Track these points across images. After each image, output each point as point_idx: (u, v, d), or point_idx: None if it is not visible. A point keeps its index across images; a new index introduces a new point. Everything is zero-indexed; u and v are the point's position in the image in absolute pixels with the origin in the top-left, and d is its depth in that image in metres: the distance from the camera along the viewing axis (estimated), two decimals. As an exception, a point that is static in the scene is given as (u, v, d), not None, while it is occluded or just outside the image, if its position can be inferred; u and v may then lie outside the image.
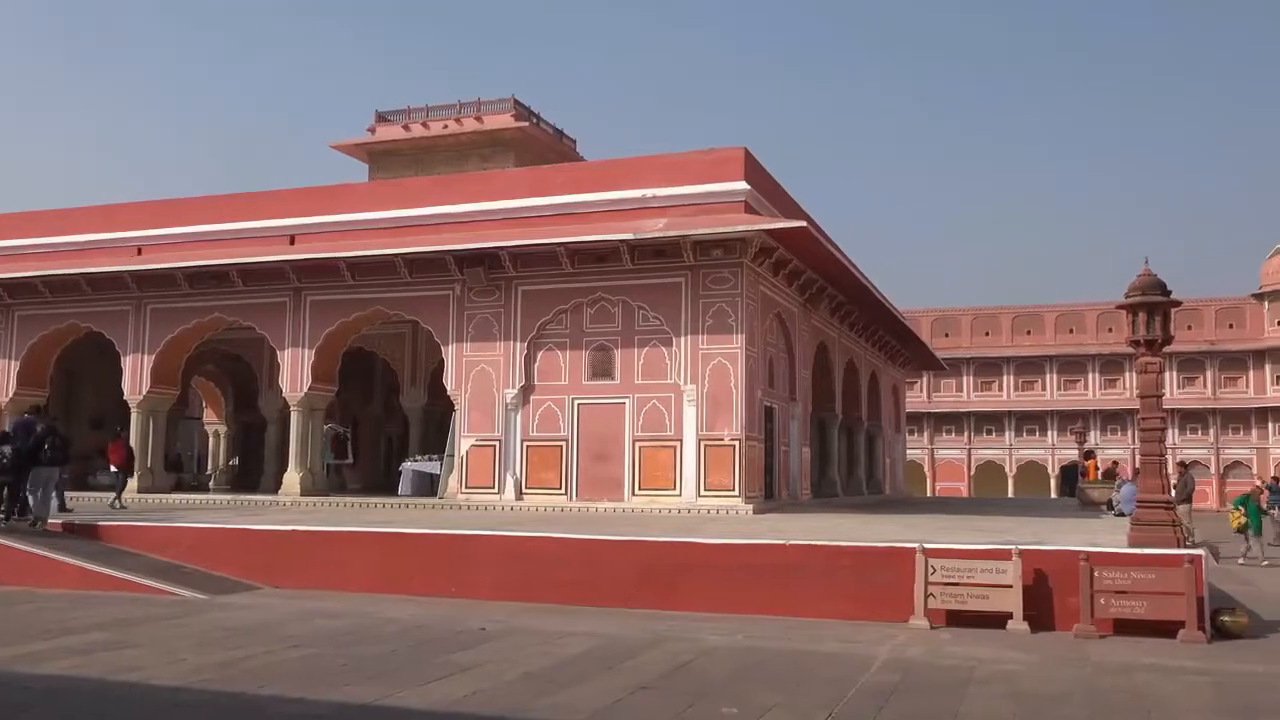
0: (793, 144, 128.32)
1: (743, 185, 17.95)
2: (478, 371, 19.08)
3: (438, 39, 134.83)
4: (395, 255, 19.14)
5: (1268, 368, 49.57)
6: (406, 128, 45.60)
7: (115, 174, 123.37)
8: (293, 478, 20.66)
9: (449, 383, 19.39)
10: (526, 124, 44.04)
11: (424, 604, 11.81)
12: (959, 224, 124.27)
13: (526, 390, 18.78)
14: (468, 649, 9.18)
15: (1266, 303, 49.75)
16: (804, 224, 17.36)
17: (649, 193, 18.47)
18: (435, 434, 22.85)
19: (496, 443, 18.82)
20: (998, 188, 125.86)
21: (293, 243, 20.75)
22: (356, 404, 27.20)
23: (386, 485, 24.36)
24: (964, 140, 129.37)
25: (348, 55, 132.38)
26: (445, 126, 44.90)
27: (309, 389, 20.48)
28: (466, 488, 18.87)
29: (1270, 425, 49.41)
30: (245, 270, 20.46)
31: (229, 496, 21.48)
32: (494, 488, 18.69)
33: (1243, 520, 19.87)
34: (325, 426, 22.66)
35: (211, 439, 30.98)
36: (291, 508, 18.69)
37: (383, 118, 46.68)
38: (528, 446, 18.72)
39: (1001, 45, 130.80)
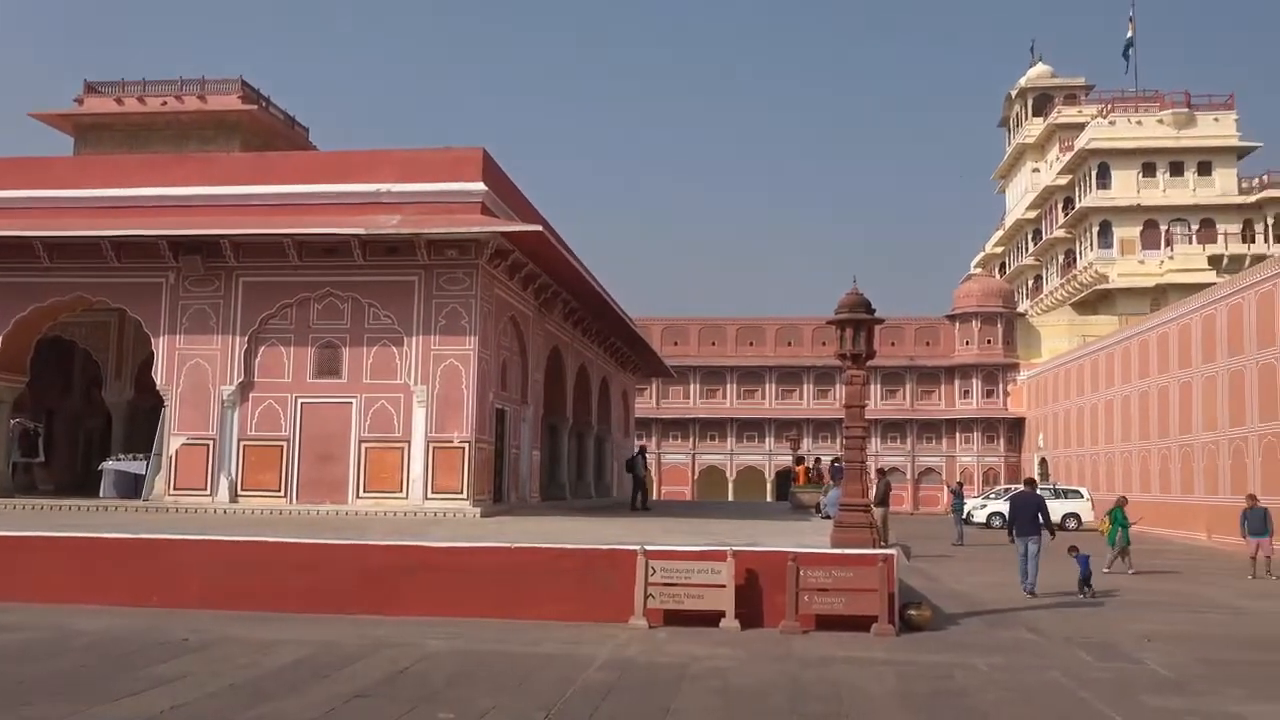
0: (535, 149, 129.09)
1: (480, 186, 17.85)
2: (192, 366, 17.96)
3: (164, 14, 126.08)
4: (101, 237, 17.69)
5: (957, 383, 54.38)
6: (120, 101, 42.26)
7: None
8: (-29, 477, 18.71)
9: (159, 377, 18.13)
10: (255, 107, 41.87)
11: (122, 615, 10.99)
12: (693, 236, 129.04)
13: (246, 387, 17.85)
14: (168, 661, 8.63)
15: (958, 324, 54.57)
16: (539, 228, 17.46)
17: (383, 188, 18.03)
18: (142, 431, 21.27)
19: (211, 442, 17.78)
20: (727, 204, 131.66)
21: (-20, 218, 18.77)
22: (51, 397, 24.90)
23: (85, 486, 22.45)
24: (696, 157, 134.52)
25: (53, 18, 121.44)
26: (164, 104, 41.95)
27: (-6, 380, 18.60)
28: (175, 489, 17.72)
29: (958, 435, 54.18)
30: (-80, 246, 18.32)
31: (-108, 498, 19.13)
32: (206, 489, 17.65)
33: (1108, 529, 20.15)
34: (12, 421, 20.65)
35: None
36: (-31, 510, 16.89)
37: (93, 89, 43.02)
38: (245, 446, 17.80)
39: (731, 66, 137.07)
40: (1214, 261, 50.31)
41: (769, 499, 50.95)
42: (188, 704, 7.18)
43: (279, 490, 17.57)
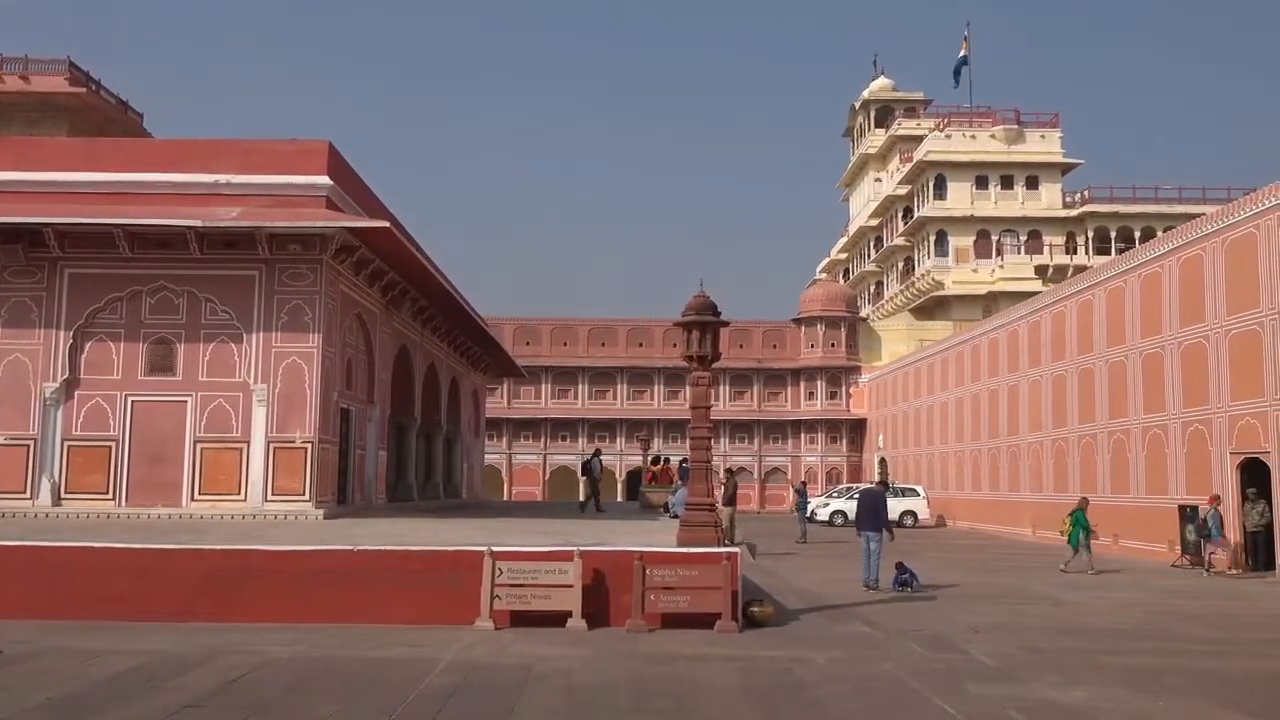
0: (386, 145, 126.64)
1: (325, 180, 17.41)
2: (11, 361, 16.94)
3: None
4: (-91, 224, 16.52)
5: (802, 384, 55.87)
6: (-68, 78, 39.48)
7: None
8: None
9: (-27, 373, 17.04)
10: (84, 90, 39.74)
11: (-72, 626, 10.29)
12: (545, 237, 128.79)
13: (71, 384, 16.95)
14: (-19, 675, 8.12)
15: (803, 327, 56.05)
16: (387, 224, 17.15)
17: (223, 179, 17.36)
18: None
19: (31, 442, 16.81)
20: (580, 206, 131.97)
21: None
22: None
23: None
24: (549, 159, 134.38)
25: None
26: (-17, 82, 39.39)
27: None
28: (-9, 493, 16.69)
29: (803, 436, 55.66)
30: None
31: None
32: (26, 492, 16.67)
33: (1069, 530, 20.22)
34: None
35: None
36: None
37: (-99, 63, 40.08)
38: (70, 447, 16.89)
39: (581, 67, 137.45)
40: (1040, 271, 53.11)
41: (620, 499, 51.23)
42: (1, 720, 6.79)
43: (107, 493, 16.75)
